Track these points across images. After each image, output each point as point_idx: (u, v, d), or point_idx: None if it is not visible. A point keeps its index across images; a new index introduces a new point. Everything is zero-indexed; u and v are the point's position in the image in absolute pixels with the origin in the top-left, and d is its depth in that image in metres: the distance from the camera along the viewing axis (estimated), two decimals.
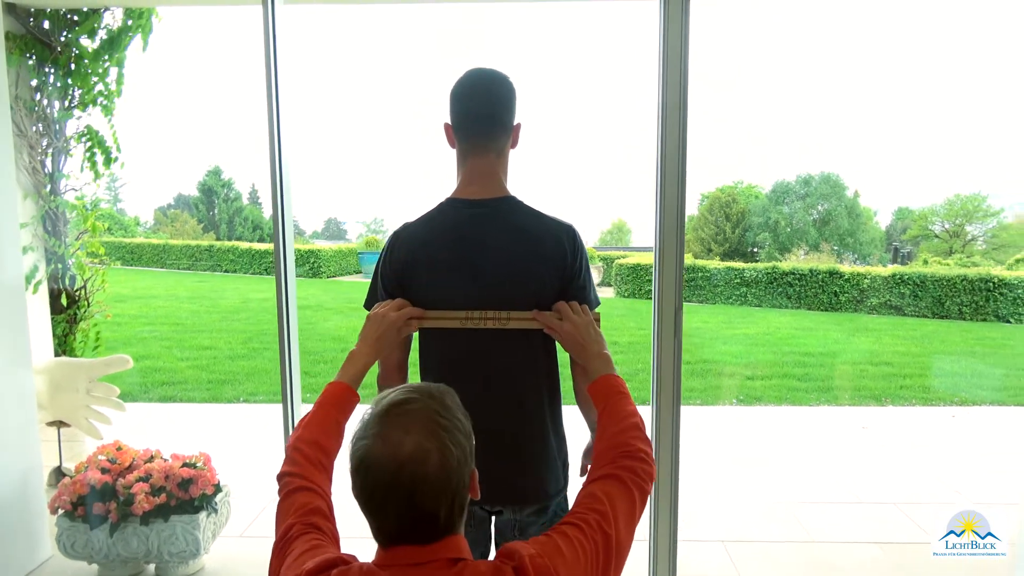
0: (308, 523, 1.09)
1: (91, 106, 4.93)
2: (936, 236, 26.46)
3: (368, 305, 1.56)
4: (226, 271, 17.20)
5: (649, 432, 2.31)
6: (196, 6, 4.68)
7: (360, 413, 1.04)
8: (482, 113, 1.51)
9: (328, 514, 1.14)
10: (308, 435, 1.24)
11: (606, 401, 1.30)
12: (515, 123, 1.55)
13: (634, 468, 1.16)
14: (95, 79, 4.81)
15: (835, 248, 27.62)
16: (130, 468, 3.09)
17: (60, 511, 2.94)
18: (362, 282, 15.58)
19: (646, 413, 2.00)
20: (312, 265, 16.77)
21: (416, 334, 1.54)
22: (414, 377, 1.54)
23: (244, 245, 17.54)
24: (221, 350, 8.53)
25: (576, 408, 1.61)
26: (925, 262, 19.87)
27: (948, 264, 18.13)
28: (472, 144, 1.52)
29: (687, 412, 2.30)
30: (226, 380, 7.19)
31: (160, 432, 5.22)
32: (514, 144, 1.57)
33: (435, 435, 0.97)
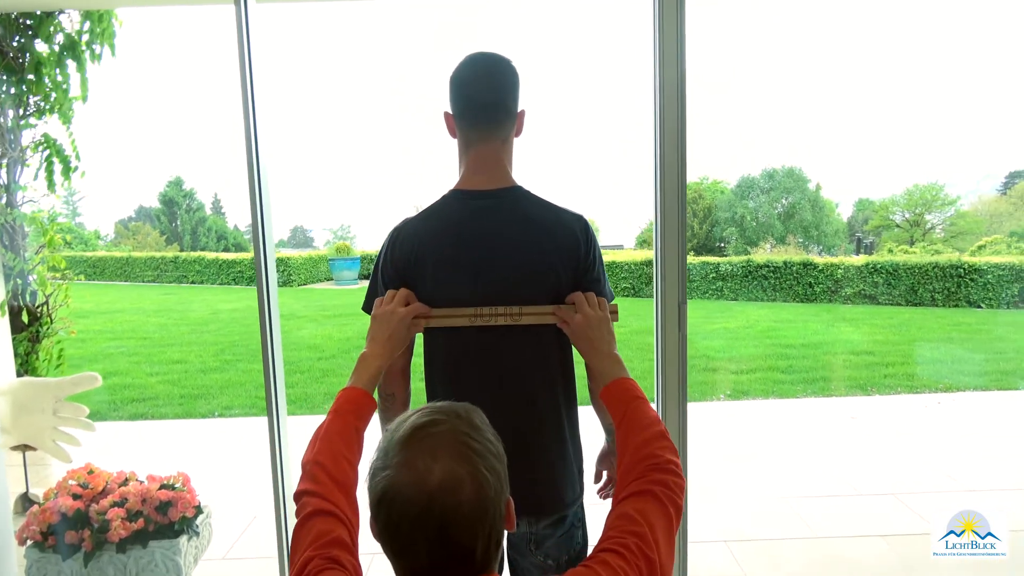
0: (327, 556, 0.97)
1: (48, 114, 4.75)
2: (897, 226, 27.03)
3: (368, 307, 1.47)
4: (192, 282, 16.90)
5: None
6: (156, 6, 4.48)
7: (372, 437, 0.92)
8: (486, 100, 1.44)
9: (350, 544, 1.01)
10: (327, 448, 1.13)
11: (624, 408, 1.22)
12: (519, 109, 1.48)
13: (666, 482, 1.07)
14: (51, 86, 4.64)
15: (800, 241, 28.08)
16: (103, 492, 2.94)
17: (29, 541, 2.78)
18: (333, 290, 15.42)
19: None
20: (282, 273, 16.63)
21: (419, 333, 1.47)
22: (418, 380, 1.49)
23: (211, 255, 17.27)
24: (192, 363, 8.30)
25: (589, 409, 1.54)
26: (890, 251, 20.24)
27: (915, 252, 18.46)
28: (476, 133, 1.45)
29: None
30: (199, 395, 6.97)
31: (133, 452, 5.01)
32: (518, 132, 1.51)
33: (467, 460, 0.87)
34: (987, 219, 25.15)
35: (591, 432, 1.58)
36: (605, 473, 1.62)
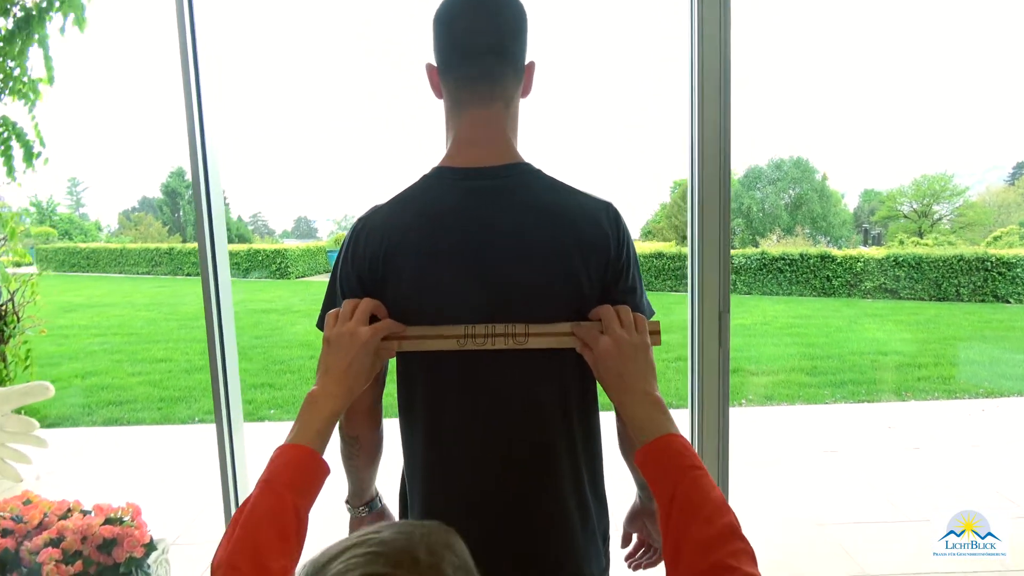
0: None
1: (11, 96, 4.38)
2: (905, 216, 26.88)
3: (322, 323, 1.08)
4: (188, 274, 16.71)
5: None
6: None
7: None
8: (482, 44, 1.08)
9: None
10: (249, 543, 0.79)
11: (675, 484, 0.85)
12: (527, 61, 1.13)
13: None
14: (12, 63, 4.27)
15: (808, 232, 27.92)
16: (40, 527, 2.55)
17: None
18: None
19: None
20: (279, 266, 16.39)
21: (395, 361, 1.13)
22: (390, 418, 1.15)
23: None
24: (177, 363, 7.99)
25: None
26: (901, 243, 19.96)
27: (928, 244, 18.13)
28: (469, 91, 1.09)
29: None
30: (180, 397, 6.63)
31: (100, 464, 4.59)
32: (526, 91, 1.16)
33: None
34: (995, 210, 24.99)
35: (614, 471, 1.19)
36: (636, 536, 1.30)
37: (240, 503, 0.91)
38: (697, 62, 1.88)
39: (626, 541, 1.31)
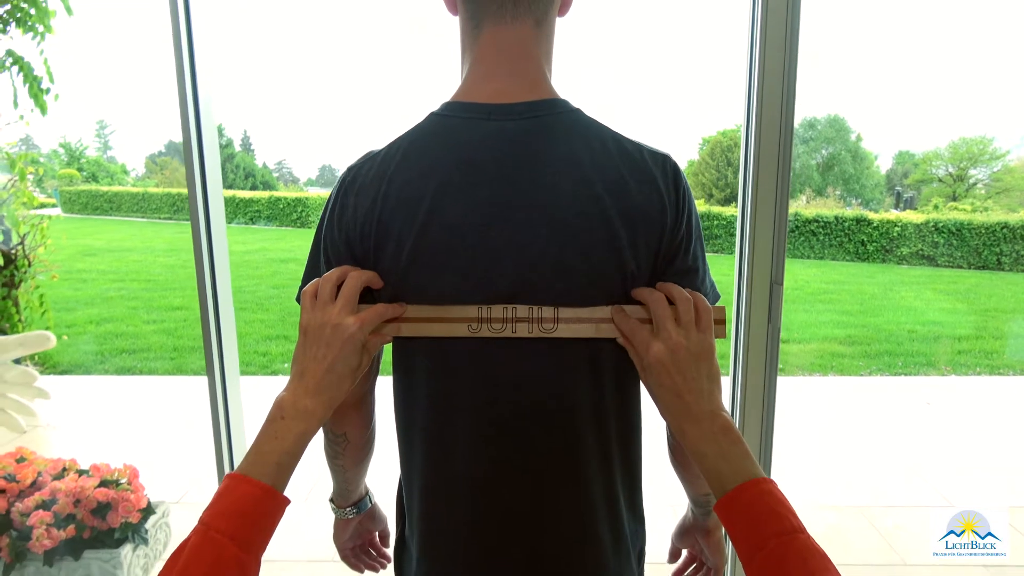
0: None
1: (20, 28, 4.24)
2: (939, 180, 26.35)
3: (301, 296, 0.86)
4: None
5: None
6: None
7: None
8: None
9: None
10: None
11: (780, 558, 0.65)
12: None
13: None
14: None
15: (840, 194, 27.46)
16: (33, 487, 2.45)
17: None
18: None
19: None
20: (300, 214, 16.31)
21: (391, 347, 0.92)
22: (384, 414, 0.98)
23: (227, 193, 17.01)
24: (193, 311, 7.90)
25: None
26: (936, 207, 19.50)
27: (966, 209, 17.64)
28: (492, 2, 0.85)
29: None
30: (195, 347, 6.56)
31: (107, 416, 4.51)
32: (565, 8, 0.92)
33: None
34: None
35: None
36: (686, 552, 1.14)
37: (234, 467, 0.73)
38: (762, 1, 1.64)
39: (674, 557, 1.15)
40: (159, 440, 3.81)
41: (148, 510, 2.47)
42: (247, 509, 0.69)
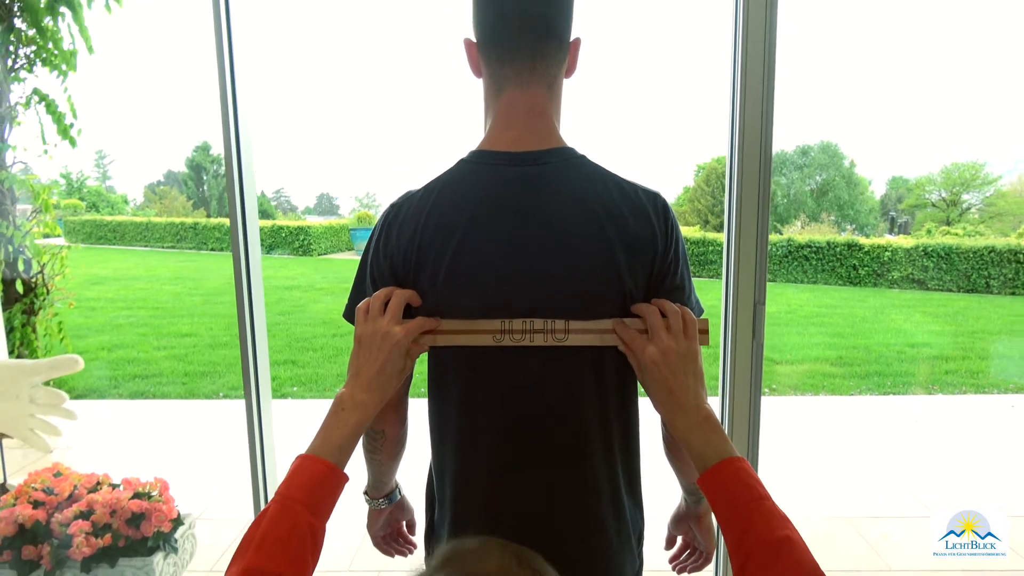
0: None
1: (48, 67, 4.45)
2: (933, 205, 26.46)
3: (349, 314, 1.04)
4: (212, 249, 16.80)
5: None
6: None
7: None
8: (527, 18, 1.01)
9: None
10: (260, 564, 0.76)
11: (748, 519, 0.82)
12: (573, 37, 1.06)
13: None
14: (48, 35, 4.33)
15: (834, 219, 27.57)
16: (70, 499, 2.60)
17: None
18: (354, 260, 15.18)
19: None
20: (302, 243, 16.41)
21: (428, 355, 1.07)
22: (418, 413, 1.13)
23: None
24: (202, 337, 8.05)
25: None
26: (929, 232, 19.65)
27: (958, 234, 17.81)
28: (511, 68, 1.02)
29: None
30: (205, 372, 6.69)
31: (126, 437, 4.65)
32: (571, 70, 1.09)
33: None
34: None
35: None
36: (681, 539, 1.27)
37: (265, 478, 0.89)
38: (741, 40, 1.84)
39: (670, 544, 1.28)
40: (176, 460, 3.95)
41: (178, 520, 2.62)
42: (317, 483, 0.84)
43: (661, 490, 1.31)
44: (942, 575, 2.76)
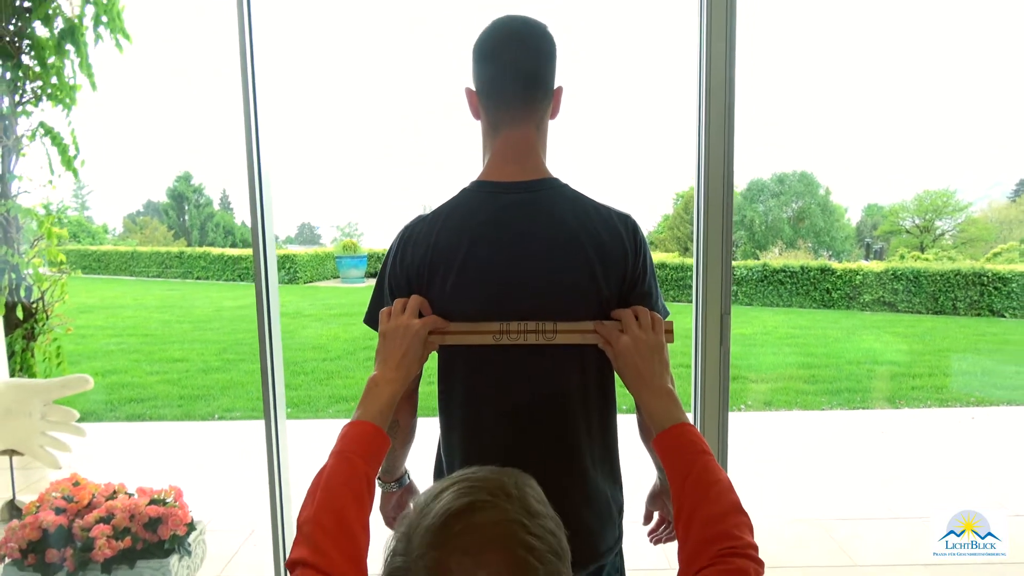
0: None
1: (51, 101, 4.61)
2: (907, 231, 26.80)
3: (370, 320, 1.24)
4: (198, 278, 16.73)
5: None
6: None
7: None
8: (519, 72, 1.20)
9: None
10: (329, 504, 0.90)
11: (687, 466, 0.98)
12: (556, 86, 1.25)
13: (746, 570, 0.85)
14: (53, 70, 4.50)
15: (811, 245, 27.88)
16: (89, 507, 2.78)
17: (7, 559, 2.59)
18: (340, 288, 15.27)
19: None
20: (288, 271, 16.43)
21: (437, 353, 1.25)
22: (428, 401, 1.29)
23: (216, 251, 17.15)
24: (193, 363, 8.12)
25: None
26: (902, 257, 19.99)
27: (929, 259, 18.22)
28: (506, 113, 1.21)
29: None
30: (199, 395, 6.78)
31: (128, 456, 4.79)
32: (555, 113, 1.28)
33: (523, 567, 0.64)
34: (997, 226, 24.91)
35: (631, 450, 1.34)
36: (657, 514, 1.42)
37: (283, 490, 1.07)
38: (705, 82, 2.05)
39: (648, 519, 1.42)
40: (177, 476, 4.07)
41: (191, 525, 2.78)
42: (368, 439, 1.01)
43: (640, 473, 1.47)
44: (905, 569, 2.94)
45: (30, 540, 2.58)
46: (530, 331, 1.12)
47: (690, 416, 1.98)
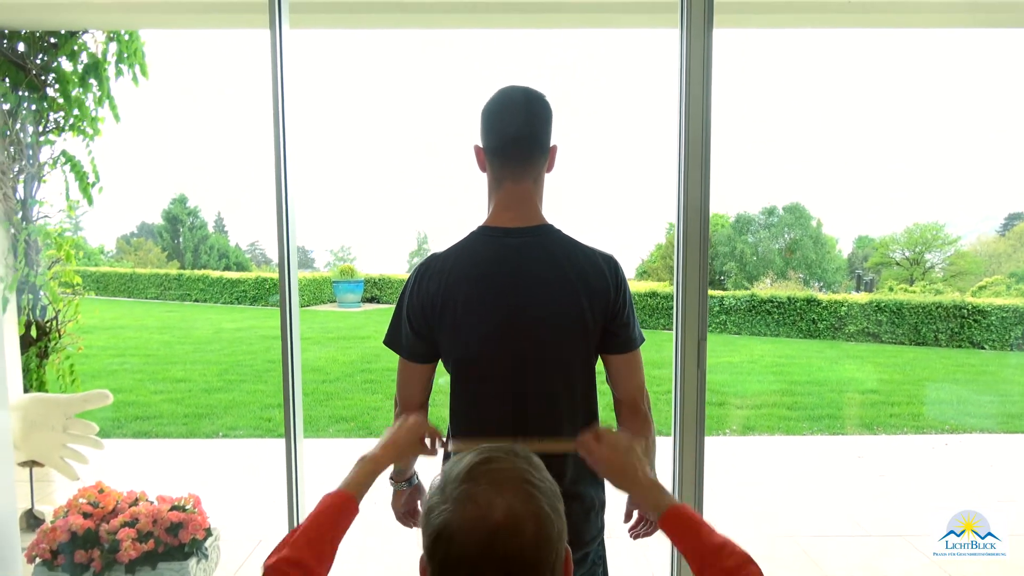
0: None
1: (72, 132, 4.83)
2: (897, 264, 26.86)
3: (389, 342, 1.46)
4: (196, 300, 16.78)
5: (671, 467, 2.21)
6: (178, 29, 4.57)
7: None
8: (520, 135, 1.41)
9: None
10: (296, 556, 1.02)
11: (695, 540, 1.09)
12: (552, 145, 1.46)
13: None
14: (76, 103, 4.71)
15: (802, 276, 27.95)
16: (114, 512, 2.96)
17: (38, 559, 2.77)
18: (336, 311, 15.38)
19: (666, 446, 1.95)
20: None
21: (448, 373, 1.45)
22: (437, 413, 1.47)
23: (214, 274, 17.23)
24: (196, 383, 8.27)
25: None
26: (891, 289, 20.14)
27: (915, 292, 18.42)
28: (508, 169, 1.42)
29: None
30: (203, 414, 6.95)
31: (138, 471, 4.97)
32: (550, 168, 1.49)
33: (530, 498, 0.84)
34: (987, 259, 24.97)
35: None
36: (636, 512, 1.60)
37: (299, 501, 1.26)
38: (684, 128, 2.24)
39: (628, 517, 1.57)
40: (187, 492, 4.25)
41: (209, 531, 2.98)
42: (339, 507, 1.11)
43: None
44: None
45: (59, 542, 2.76)
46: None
47: (670, 439, 2.23)
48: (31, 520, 3.66)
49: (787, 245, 29.14)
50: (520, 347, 1.36)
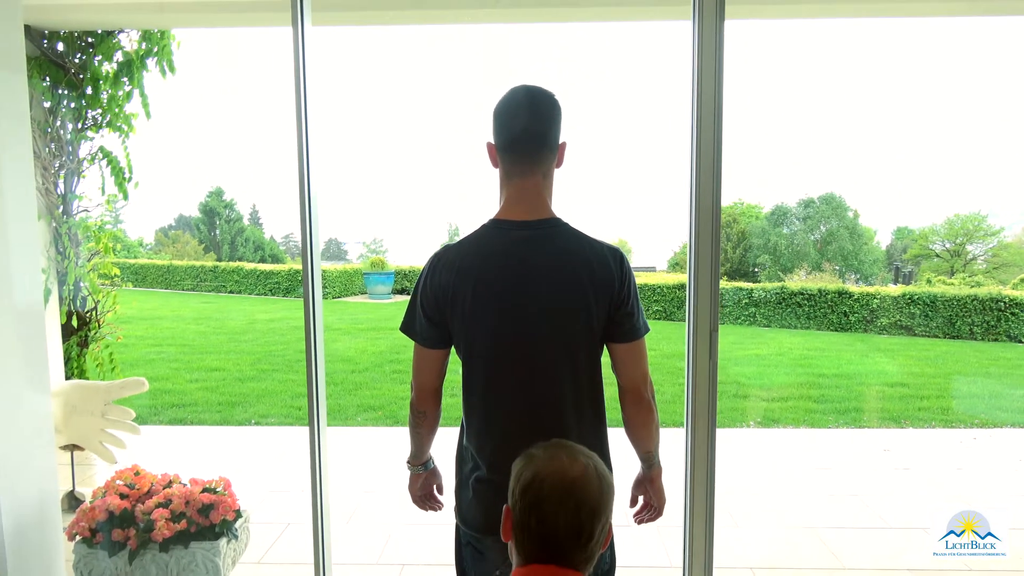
0: None
1: (108, 128, 4.96)
2: (937, 255, 26.26)
3: (405, 328, 1.53)
4: (230, 292, 17.07)
5: (683, 457, 2.27)
6: (207, 27, 4.69)
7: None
8: (529, 132, 1.47)
9: None
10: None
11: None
12: (560, 142, 1.52)
13: None
14: (113, 101, 4.84)
15: (838, 268, 27.44)
16: (148, 493, 3.07)
17: (78, 537, 2.90)
18: (367, 303, 15.55)
19: (679, 437, 2.19)
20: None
21: (460, 359, 1.52)
22: (451, 402, 1.52)
23: (249, 266, 17.48)
24: (230, 372, 8.45)
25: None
26: (929, 282, 19.71)
27: (953, 284, 17.98)
28: (518, 166, 1.49)
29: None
30: (236, 402, 7.11)
31: (173, 456, 5.14)
32: (559, 164, 1.55)
33: (596, 466, 1.18)
34: None
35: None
36: (641, 498, 1.66)
37: (323, 488, 1.47)
38: (696, 131, 2.27)
39: (633, 502, 1.66)
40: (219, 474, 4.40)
41: (239, 513, 3.08)
42: None
43: (627, 466, 1.72)
44: (889, 573, 3.16)
45: (97, 520, 2.88)
46: None
47: (681, 431, 2.28)
48: (72, 501, 3.83)
49: (822, 237, 28.64)
50: (528, 335, 1.43)
